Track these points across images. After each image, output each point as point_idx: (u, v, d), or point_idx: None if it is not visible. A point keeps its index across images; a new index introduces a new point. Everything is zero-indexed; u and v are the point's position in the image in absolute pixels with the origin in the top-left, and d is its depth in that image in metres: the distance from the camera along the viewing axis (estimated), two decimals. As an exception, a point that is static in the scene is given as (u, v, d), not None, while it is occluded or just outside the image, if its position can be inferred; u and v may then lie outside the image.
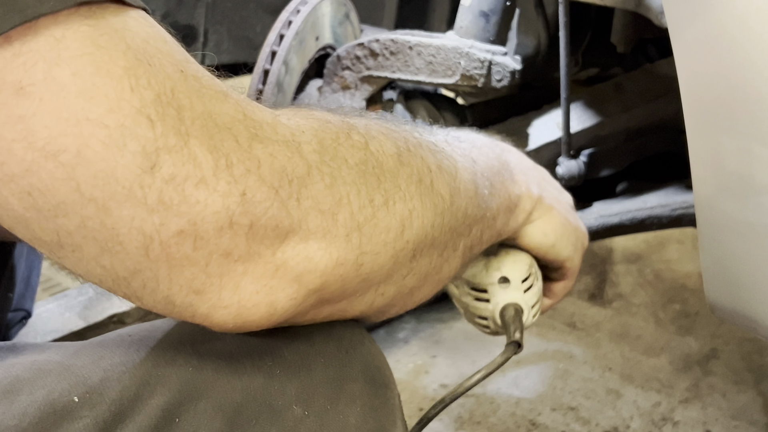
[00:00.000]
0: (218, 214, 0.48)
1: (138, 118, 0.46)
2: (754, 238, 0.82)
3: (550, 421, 1.48)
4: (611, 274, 1.91)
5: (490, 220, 0.72)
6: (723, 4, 0.75)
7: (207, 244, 0.48)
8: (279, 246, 0.51)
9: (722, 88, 0.78)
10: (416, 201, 0.59)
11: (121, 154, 0.46)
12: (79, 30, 0.46)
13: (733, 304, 0.89)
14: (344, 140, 0.56)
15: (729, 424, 1.47)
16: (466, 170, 0.67)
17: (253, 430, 0.54)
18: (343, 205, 0.53)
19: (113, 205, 0.46)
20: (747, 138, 0.78)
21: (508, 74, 1.29)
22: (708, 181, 0.85)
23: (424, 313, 1.80)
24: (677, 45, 0.82)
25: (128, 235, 0.47)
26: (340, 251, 0.53)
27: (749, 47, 0.74)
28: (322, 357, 0.58)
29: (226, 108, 0.50)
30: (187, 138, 0.47)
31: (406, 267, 0.60)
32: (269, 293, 0.51)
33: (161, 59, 0.48)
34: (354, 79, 1.39)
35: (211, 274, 0.49)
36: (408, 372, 1.61)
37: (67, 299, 1.44)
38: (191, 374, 0.54)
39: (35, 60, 0.45)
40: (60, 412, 0.51)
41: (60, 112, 0.45)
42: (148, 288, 0.50)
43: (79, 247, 0.48)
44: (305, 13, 1.35)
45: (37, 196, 0.46)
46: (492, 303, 0.84)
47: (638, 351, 1.67)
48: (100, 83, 0.46)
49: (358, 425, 0.57)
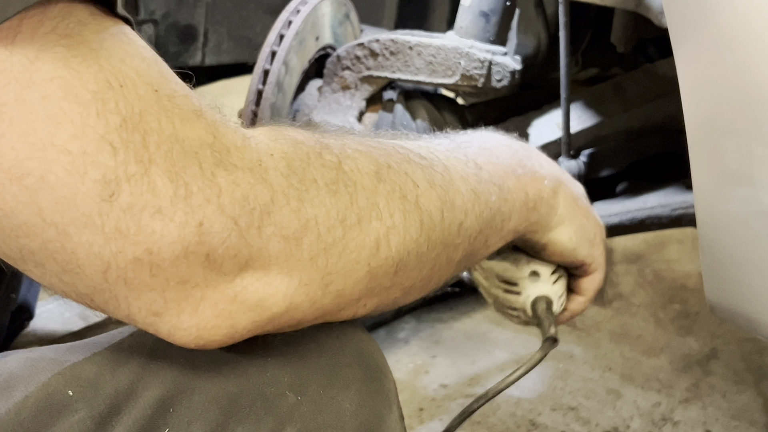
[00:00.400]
0: (174, 245, 0.49)
1: (101, 144, 0.47)
2: (753, 238, 0.82)
3: (550, 421, 1.48)
4: (611, 274, 1.91)
5: (498, 224, 0.72)
6: (723, 3, 0.75)
7: (163, 272, 0.49)
8: (237, 274, 0.51)
9: (722, 88, 0.78)
10: (397, 218, 0.59)
11: (81, 181, 0.46)
12: (54, 51, 0.46)
13: (733, 304, 0.89)
14: (315, 160, 0.56)
15: (729, 424, 1.47)
16: (466, 181, 0.67)
17: (248, 419, 0.55)
18: (309, 228, 0.54)
19: (73, 231, 0.47)
20: (747, 138, 0.78)
21: (508, 74, 1.29)
22: (708, 182, 0.85)
23: (424, 313, 1.80)
24: (677, 45, 0.82)
25: (87, 260, 0.48)
26: (302, 274, 0.54)
27: (749, 47, 0.74)
28: (315, 344, 0.59)
29: (197, 130, 0.50)
30: (149, 165, 0.48)
31: (388, 281, 0.60)
32: (228, 317, 0.52)
33: (135, 79, 0.49)
34: (354, 79, 1.39)
35: (169, 299, 0.50)
36: (408, 372, 1.61)
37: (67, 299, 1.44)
38: (185, 367, 0.55)
39: (8, 80, 0.45)
40: (56, 406, 0.52)
41: (28, 135, 0.46)
42: (111, 305, 0.51)
43: (41, 264, 0.49)
44: (305, 13, 1.35)
45: (1, 216, 0.47)
46: (523, 296, 0.88)
47: (638, 351, 1.67)
48: (67, 108, 0.46)
49: (354, 411, 0.58)
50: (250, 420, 0.55)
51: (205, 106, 0.52)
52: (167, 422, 0.53)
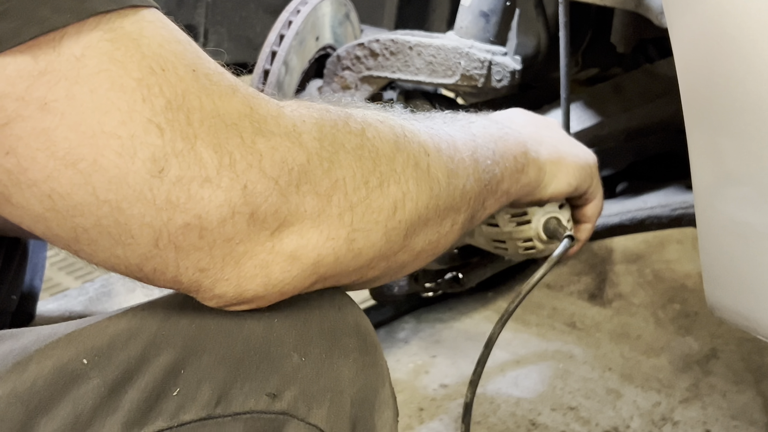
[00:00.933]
0: (221, 208, 0.53)
1: (148, 127, 0.51)
2: (754, 239, 0.82)
3: (550, 421, 1.48)
4: (611, 274, 1.91)
5: (494, 186, 0.78)
6: (723, 3, 0.75)
7: (211, 233, 0.54)
8: (276, 228, 0.56)
9: (722, 88, 0.78)
10: (411, 184, 0.64)
11: (132, 162, 0.51)
12: (98, 47, 0.51)
13: (733, 304, 0.89)
14: (342, 127, 0.61)
15: (729, 424, 1.47)
16: (466, 147, 0.73)
17: (255, 377, 0.58)
18: (338, 188, 0.59)
19: (125, 206, 0.52)
20: (747, 138, 0.78)
21: (508, 74, 1.29)
22: (708, 182, 0.85)
23: (424, 313, 1.80)
24: (677, 45, 0.82)
25: (139, 230, 0.53)
26: (331, 228, 0.59)
27: (749, 47, 0.74)
28: (318, 311, 0.63)
29: (234, 104, 0.55)
30: (194, 140, 0.52)
31: (398, 244, 0.64)
32: (265, 267, 0.57)
33: (174, 62, 0.53)
34: (354, 79, 1.39)
35: (215, 256, 0.55)
36: (408, 372, 1.61)
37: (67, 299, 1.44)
38: (195, 331, 0.58)
39: (58, 79, 0.50)
40: (70, 375, 0.55)
41: (79, 125, 0.50)
42: (158, 271, 0.55)
43: (94, 241, 0.53)
44: (305, 13, 1.35)
45: (57, 198, 0.51)
46: (534, 221, 0.95)
47: (638, 351, 1.67)
48: (114, 98, 0.51)
49: (351, 378, 0.62)
50: (257, 378, 0.58)
51: (237, 82, 0.57)
52: (177, 383, 0.57)
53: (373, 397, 0.63)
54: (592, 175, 0.96)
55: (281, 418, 0.58)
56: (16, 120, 0.50)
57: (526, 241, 0.97)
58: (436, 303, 1.82)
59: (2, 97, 0.49)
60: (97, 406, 0.55)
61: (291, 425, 0.59)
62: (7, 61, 0.49)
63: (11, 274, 1.01)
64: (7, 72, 0.49)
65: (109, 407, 0.55)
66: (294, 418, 0.59)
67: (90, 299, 1.41)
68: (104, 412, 0.55)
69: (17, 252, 1.02)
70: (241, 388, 0.58)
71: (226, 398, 0.57)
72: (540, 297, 1.83)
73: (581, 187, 0.94)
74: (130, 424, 0.55)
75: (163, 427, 0.56)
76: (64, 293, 1.55)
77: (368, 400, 0.62)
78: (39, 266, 1.10)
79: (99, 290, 1.50)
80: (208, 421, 0.57)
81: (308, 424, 0.59)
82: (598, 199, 0.99)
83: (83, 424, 0.54)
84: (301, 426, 0.59)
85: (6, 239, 0.98)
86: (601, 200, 1.00)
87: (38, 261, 1.09)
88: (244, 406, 0.58)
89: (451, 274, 1.29)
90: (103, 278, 1.56)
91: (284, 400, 0.58)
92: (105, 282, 1.54)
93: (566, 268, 1.90)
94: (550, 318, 1.78)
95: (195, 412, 0.57)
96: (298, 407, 0.59)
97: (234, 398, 0.57)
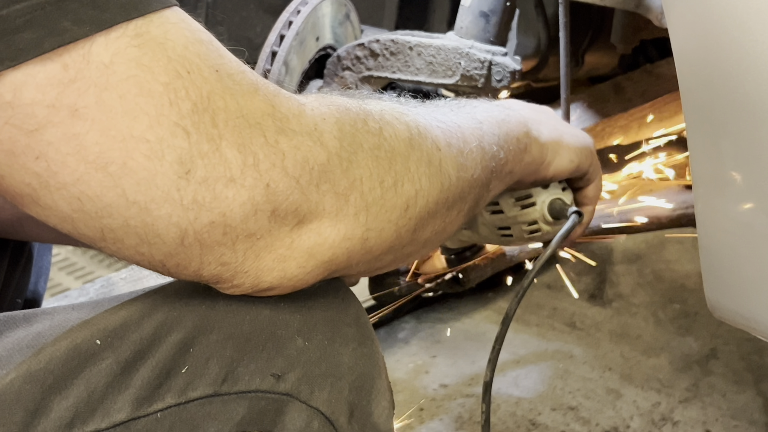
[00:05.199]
0: (244, 206, 0.55)
1: (175, 130, 0.53)
2: (753, 239, 0.82)
3: (550, 421, 1.48)
4: (611, 274, 1.91)
5: (499, 169, 0.79)
6: (723, 4, 0.75)
7: (234, 230, 0.56)
8: (296, 225, 0.58)
9: (722, 88, 0.79)
10: (424, 181, 0.66)
11: (160, 164, 0.53)
12: (126, 53, 0.52)
13: (733, 304, 0.89)
14: (361, 126, 0.62)
15: (729, 424, 1.47)
16: (473, 136, 0.75)
17: (261, 357, 0.60)
18: (355, 187, 0.60)
19: (153, 207, 0.54)
20: (747, 138, 0.78)
21: (508, 74, 1.29)
22: (708, 181, 0.85)
23: (424, 313, 1.80)
24: (677, 45, 0.82)
25: (166, 230, 0.55)
26: (347, 228, 0.60)
27: (749, 47, 0.74)
28: (322, 299, 0.64)
29: (257, 102, 0.57)
30: (219, 142, 0.54)
31: (407, 239, 0.66)
32: (282, 261, 0.59)
33: (199, 64, 0.54)
34: (354, 80, 1.39)
35: (237, 250, 0.57)
36: (408, 372, 1.61)
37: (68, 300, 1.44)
38: (204, 312, 0.60)
39: (88, 86, 0.51)
40: (84, 354, 0.57)
41: (109, 130, 0.52)
42: (181, 266, 0.57)
43: (120, 240, 0.55)
44: (305, 14, 1.35)
45: (86, 200, 0.53)
46: (538, 203, 0.97)
47: (638, 351, 1.67)
48: (142, 103, 0.52)
49: (351, 366, 0.63)
50: (263, 358, 0.60)
51: (260, 78, 0.58)
52: (186, 361, 0.58)
53: (370, 386, 0.65)
54: (591, 154, 0.98)
55: (284, 398, 0.60)
56: (46, 126, 0.51)
57: (532, 224, 0.98)
58: (436, 303, 1.82)
59: (33, 105, 0.51)
60: (109, 383, 0.57)
61: (293, 406, 0.60)
62: (37, 69, 0.50)
63: (16, 278, 1.02)
64: (37, 80, 0.50)
65: (121, 385, 0.57)
66: (296, 399, 0.61)
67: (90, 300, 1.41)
68: (116, 389, 0.57)
69: (23, 256, 1.02)
70: (247, 367, 0.59)
71: (232, 376, 0.59)
72: (540, 297, 1.83)
73: (582, 165, 0.95)
74: (141, 401, 0.57)
75: (171, 404, 0.58)
76: (64, 294, 1.55)
77: (365, 388, 0.64)
78: (44, 269, 1.10)
79: (99, 291, 1.50)
80: (214, 398, 0.59)
81: (310, 407, 0.61)
82: (598, 180, 1.01)
83: (96, 401, 0.56)
84: (303, 408, 0.61)
85: (11, 243, 0.98)
86: (601, 181, 1.02)
87: (43, 264, 1.09)
88: (249, 385, 0.59)
89: (451, 274, 1.29)
90: (104, 279, 1.56)
91: (288, 381, 0.60)
92: (105, 282, 1.54)
93: (566, 268, 1.90)
94: (550, 318, 1.78)
95: (202, 389, 0.58)
96: (301, 389, 0.61)
97: (240, 376, 0.59)
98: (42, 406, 0.55)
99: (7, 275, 0.99)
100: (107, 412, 0.56)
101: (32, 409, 0.55)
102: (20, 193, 0.54)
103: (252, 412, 0.59)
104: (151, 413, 0.57)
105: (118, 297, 0.63)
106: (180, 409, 0.58)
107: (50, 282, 1.79)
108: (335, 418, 0.62)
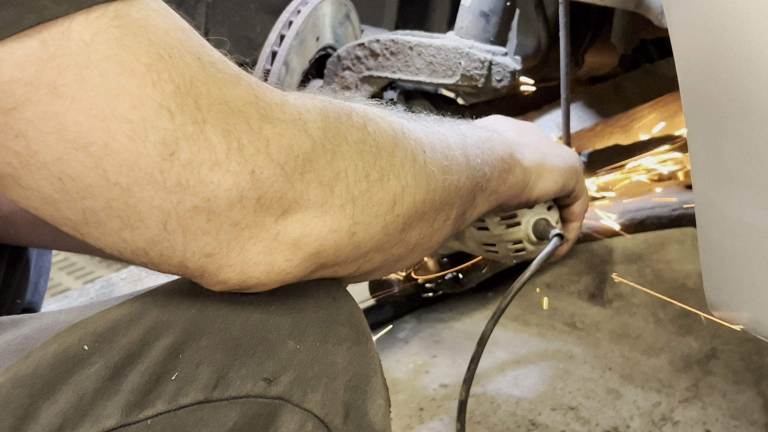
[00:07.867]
0: (230, 191, 0.55)
1: (159, 111, 0.52)
2: (753, 239, 0.82)
3: (550, 421, 1.48)
4: (611, 274, 1.91)
5: (484, 183, 0.80)
6: (723, 3, 0.75)
7: (219, 217, 0.55)
8: (281, 215, 0.57)
9: (722, 89, 0.79)
10: (410, 178, 0.66)
11: (143, 145, 0.52)
12: (107, 32, 0.51)
13: (733, 304, 0.89)
14: (345, 120, 0.62)
15: (729, 424, 1.47)
16: (457, 144, 0.75)
17: (252, 361, 0.59)
18: (340, 179, 0.60)
19: (136, 188, 0.53)
20: (747, 138, 0.78)
21: (509, 74, 1.29)
22: (708, 182, 0.85)
23: (424, 313, 1.80)
24: (677, 45, 0.82)
25: (149, 213, 0.54)
26: (333, 220, 0.60)
27: (749, 47, 0.74)
28: (313, 300, 0.64)
29: (240, 91, 0.56)
30: (203, 125, 0.53)
31: (395, 238, 0.66)
32: (269, 254, 0.58)
33: (181, 50, 0.54)
34: (354, 80, 1.39)
35: (221, 240, 0.56)
36: (408, 372, 1.61)
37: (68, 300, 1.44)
38: (194, 316, 0.59)
39: (68, 63, 0.50)
40: (72, 359, 0.56)
41: (90, 109, 0.51)
42: (165, 255, 0.56)
43: (102, 223, 0.54)
44: (306, 14, 1.35)
45: (67, 180, 0.52)
46: (523, 222, 0.97)
47: (638, 351, 1.67)
48: (125, 82, 0.51)
49: (345, 366, 0.63)
50: (254, 362, 0.59)
51: (242, 71, 0.58)
52: (176, 367, 0.58)
53: (366, 385, 0.64)
54: (576, 173, 0.98)
55: (276, 402, 0.60)
56: (25, 104, 0.50)
57: (516, 243, 0.99)
58: (436, 303, 1.82)
59: (11, 82, 0.50)
60: (98, 389, 0.56)
61: (286, 410, 0.60)
62: (15, 46, 0.49)
63: (16, 279, 1.02)
64: (15, 57, 0.49)
65: (111, 390, 0.56)
66: (289, 403, 0.60)
67: (90, 300, 1.41)
68: (106, 395, 0.56)
69: (22, 257, 1.02)
70: (238, 372, 0.59)
71: (223, 381, 0.58)
72: (540, 297, 1.83)
73: (567, 185, 0.96)
74: (131, 407, 0.56)
75: (162, 410, 0.57)
76: (65, 294, 1.55)
77: (361, 387, 0.64)
78: (44, 269, 1.10)
79: (99, 291, 1.50)
80: (205, 405, 0.58)
81: (302, 410, 0.60)
82: (585, 197, 1.02)
83: (85, 407, 0.55)
84: (295, 411, 0.60)
85: (10, 246, 0.98)
86: (587, 198, 1.03)
87: (43, 264, 1.09)
88: (240, 390, 0.59)
89: (451, 274, 1.29)
90: (104, 279, 1.56)
91: (280, 385, 0.60)
92: (105, 282, 1.54)
93: (566, 268, 1.90)
94: (550, 318, 1.78)
95: (193, 396, 0.58)
96: (293, 393, 0.60)
97: (231, 382, 0.58)
98: (31, 412, 0.54)
99: (7, 276, 0.99)
100: (97, 418, 0.55)
101: (21, 414, 0.54)
102: (1, 173, 0.53)
103: (245, 417, 0.59)
104: (142, 420, 0.56)
105: (107, 302, 0.62)
106: (171, 416, 0.57)
107: (50, 282, 1.79)
108: (329, 420, 0.61)
